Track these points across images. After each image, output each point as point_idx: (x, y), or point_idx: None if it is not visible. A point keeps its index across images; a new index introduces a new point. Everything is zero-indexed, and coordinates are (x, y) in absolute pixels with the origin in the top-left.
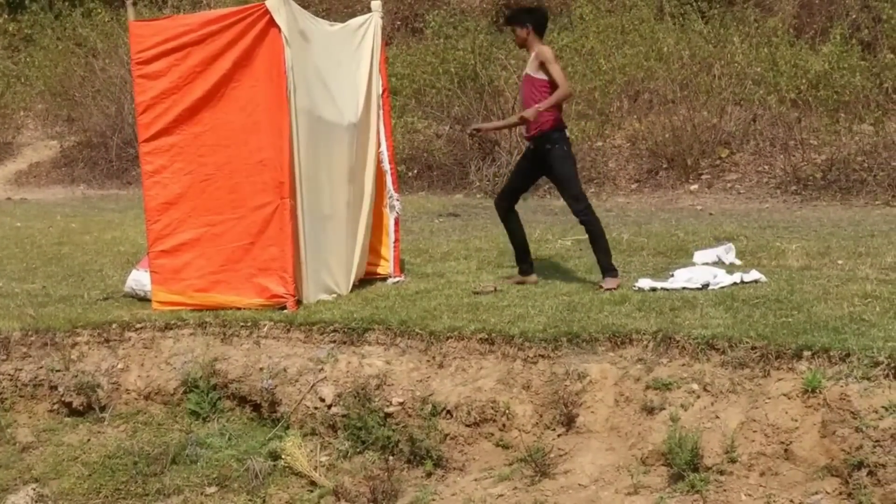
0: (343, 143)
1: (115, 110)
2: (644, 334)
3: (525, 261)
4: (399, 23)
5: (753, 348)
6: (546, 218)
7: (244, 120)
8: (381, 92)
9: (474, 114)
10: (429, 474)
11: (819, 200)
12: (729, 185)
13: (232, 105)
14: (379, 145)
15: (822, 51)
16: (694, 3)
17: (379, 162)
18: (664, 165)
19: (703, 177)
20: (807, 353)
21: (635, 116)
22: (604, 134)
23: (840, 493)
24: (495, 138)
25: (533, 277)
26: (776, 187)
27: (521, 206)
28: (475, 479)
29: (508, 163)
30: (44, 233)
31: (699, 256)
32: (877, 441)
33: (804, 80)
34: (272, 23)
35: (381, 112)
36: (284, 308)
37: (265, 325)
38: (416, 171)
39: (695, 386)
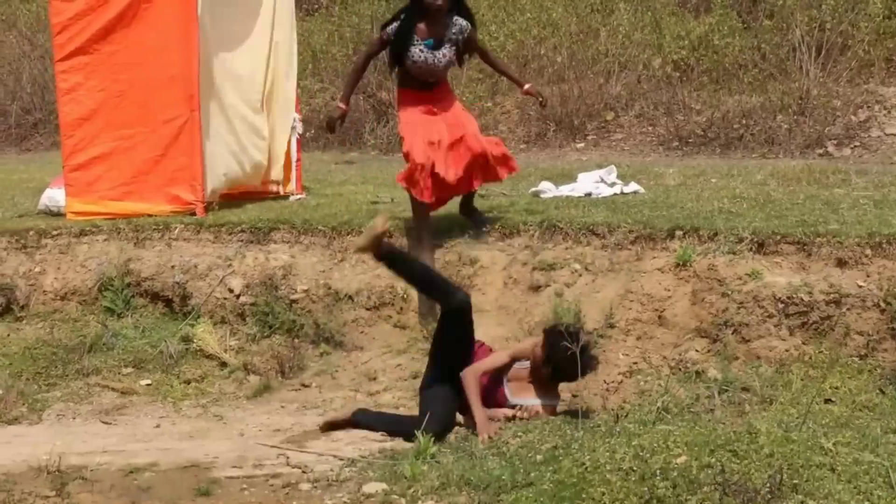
0: (244, 57)
1: (13, 80)
2: (530, 225)
3: None
4: None
5: (631, 231)
6: None
7: (156, 38)
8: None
9: (369, 79)
10: (332, 353)
11: (699, 155)
12: (614, 143)
13: (144, 24)
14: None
15: (704, 19)
16: None
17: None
18: (552, 128)
19: (589, 137)
20: (679, 234)
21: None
22: (494, 100)
23: (709, 351)
24: (389, 100)
25: None
26: (659, 144)
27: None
28: (375, 355)
29: None
30: None
31: (583, 177)
32: (741, 303)
33: (686, 42)
34: None
35: (293, 35)
36: (194, 214)
37: (176, 228)
38: (312, 132)
39: (577, 266)
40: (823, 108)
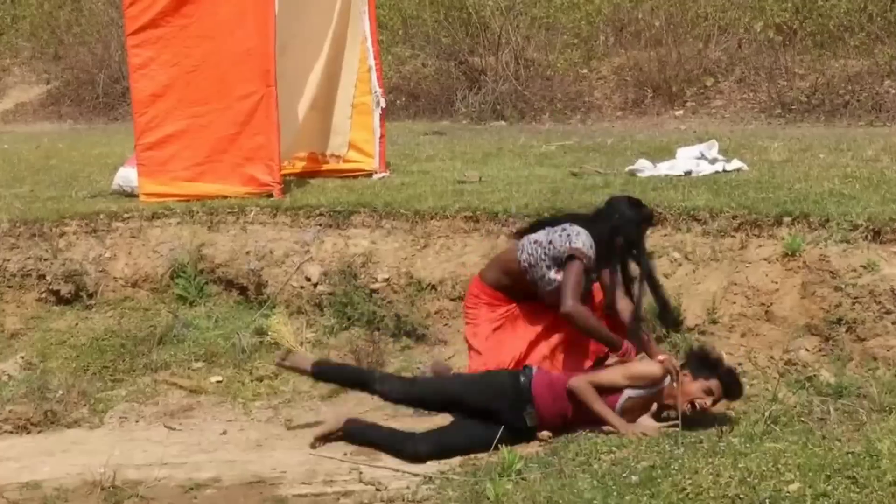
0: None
1: (101, 48)
2: None
3: None
4: None
5: (734, 217)
6: (532, 134)
7: (230, 10)
8: None
9: (461, 45)
10: (413, 347)
11: (803, 122)
12: (714, 110)
13: None
14: (364, 41)
15: None
16: None
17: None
18: (650, 94)
19: (688, 104)
20: (787, 220)
21: (621, 48)
22: (590, 65)
23: (820, 350)
24: (482, 67)
25: None
26: (761, 111)
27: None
28: (459, 350)
29: (494, 90)
30: (31, 151)
31: (682, 153)
32: (855, 298)
33: (789, 4)
34: None
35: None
36: (271, 196)
37: (251, 211)
38: (403, 100)
39: (676, 255)
40: None
